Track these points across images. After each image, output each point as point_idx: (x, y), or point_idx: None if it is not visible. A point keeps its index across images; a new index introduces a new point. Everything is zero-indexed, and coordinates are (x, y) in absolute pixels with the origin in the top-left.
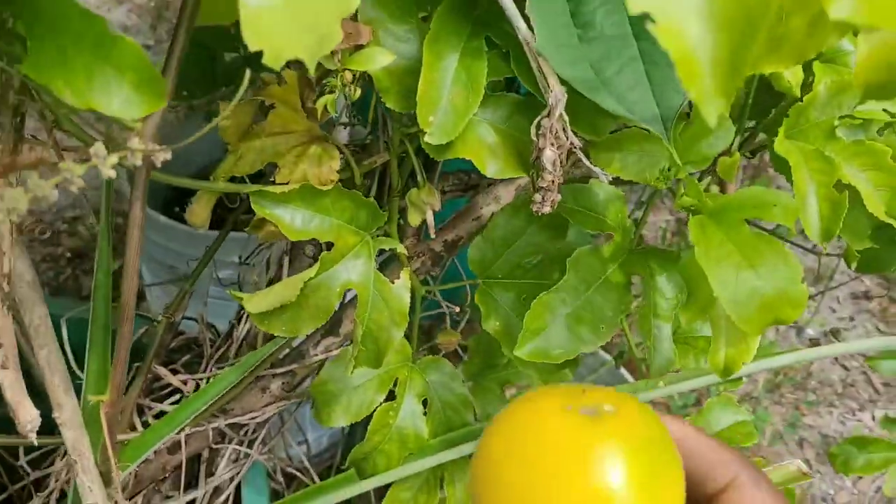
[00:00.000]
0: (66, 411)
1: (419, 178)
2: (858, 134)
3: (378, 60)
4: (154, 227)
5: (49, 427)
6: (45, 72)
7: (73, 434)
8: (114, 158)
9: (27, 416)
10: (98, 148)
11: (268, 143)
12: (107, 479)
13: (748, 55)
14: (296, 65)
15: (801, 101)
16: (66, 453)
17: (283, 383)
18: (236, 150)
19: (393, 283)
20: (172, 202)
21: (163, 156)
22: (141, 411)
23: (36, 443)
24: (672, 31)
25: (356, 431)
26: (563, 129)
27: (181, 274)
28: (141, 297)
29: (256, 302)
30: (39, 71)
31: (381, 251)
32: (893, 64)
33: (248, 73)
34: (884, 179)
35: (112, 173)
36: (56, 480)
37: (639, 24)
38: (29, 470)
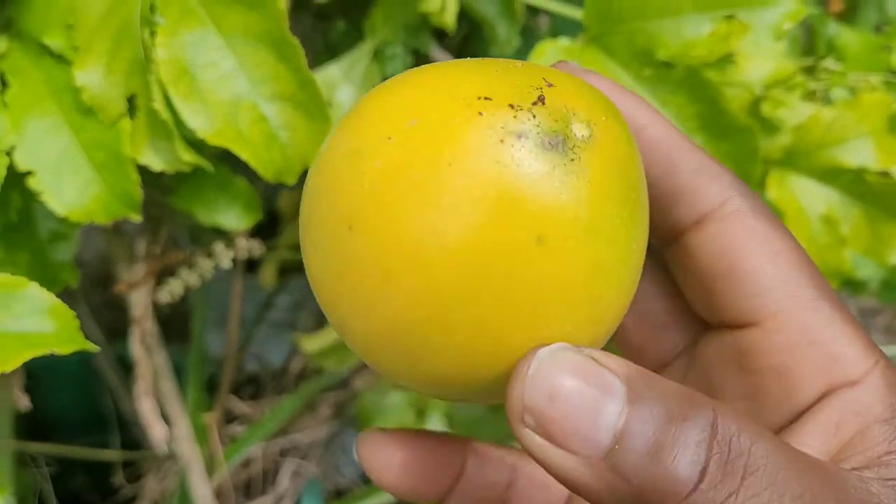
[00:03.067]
0: (181, 428)
1: None
2: None
3: None
4: None
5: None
6: (186, 202)
7: (186, 445)
8: (231, 253)
9: (159, 432)
10: (219, 247)
11: None
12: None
13: None
14: None
15: None
16: (158, 469)
17: (331, 408)
18: (293, 224)
19: None
20: None
21: (259, 249)
22: None
23: (167, 448)
24: None
25: None
26: None
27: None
28: None
29: (312, 343)
30: (183, 201)
31: None
32: None
33: None
34: None
35: (229, 264)
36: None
37: None
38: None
